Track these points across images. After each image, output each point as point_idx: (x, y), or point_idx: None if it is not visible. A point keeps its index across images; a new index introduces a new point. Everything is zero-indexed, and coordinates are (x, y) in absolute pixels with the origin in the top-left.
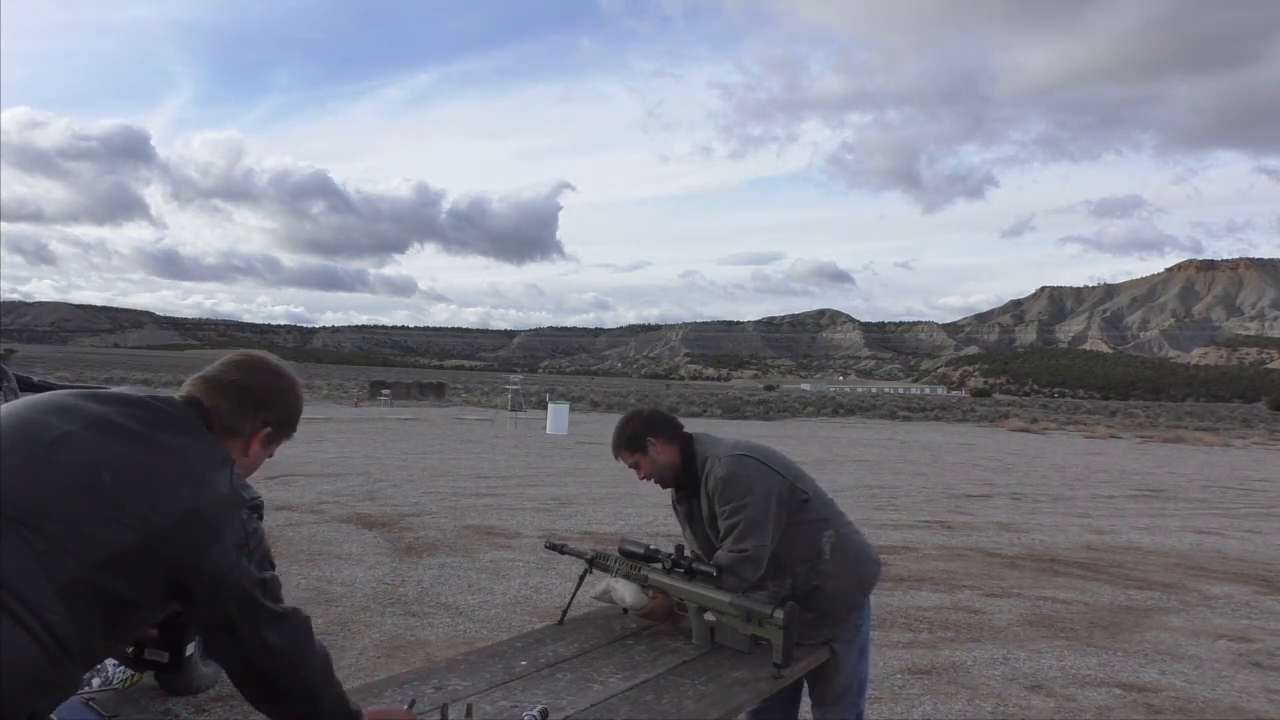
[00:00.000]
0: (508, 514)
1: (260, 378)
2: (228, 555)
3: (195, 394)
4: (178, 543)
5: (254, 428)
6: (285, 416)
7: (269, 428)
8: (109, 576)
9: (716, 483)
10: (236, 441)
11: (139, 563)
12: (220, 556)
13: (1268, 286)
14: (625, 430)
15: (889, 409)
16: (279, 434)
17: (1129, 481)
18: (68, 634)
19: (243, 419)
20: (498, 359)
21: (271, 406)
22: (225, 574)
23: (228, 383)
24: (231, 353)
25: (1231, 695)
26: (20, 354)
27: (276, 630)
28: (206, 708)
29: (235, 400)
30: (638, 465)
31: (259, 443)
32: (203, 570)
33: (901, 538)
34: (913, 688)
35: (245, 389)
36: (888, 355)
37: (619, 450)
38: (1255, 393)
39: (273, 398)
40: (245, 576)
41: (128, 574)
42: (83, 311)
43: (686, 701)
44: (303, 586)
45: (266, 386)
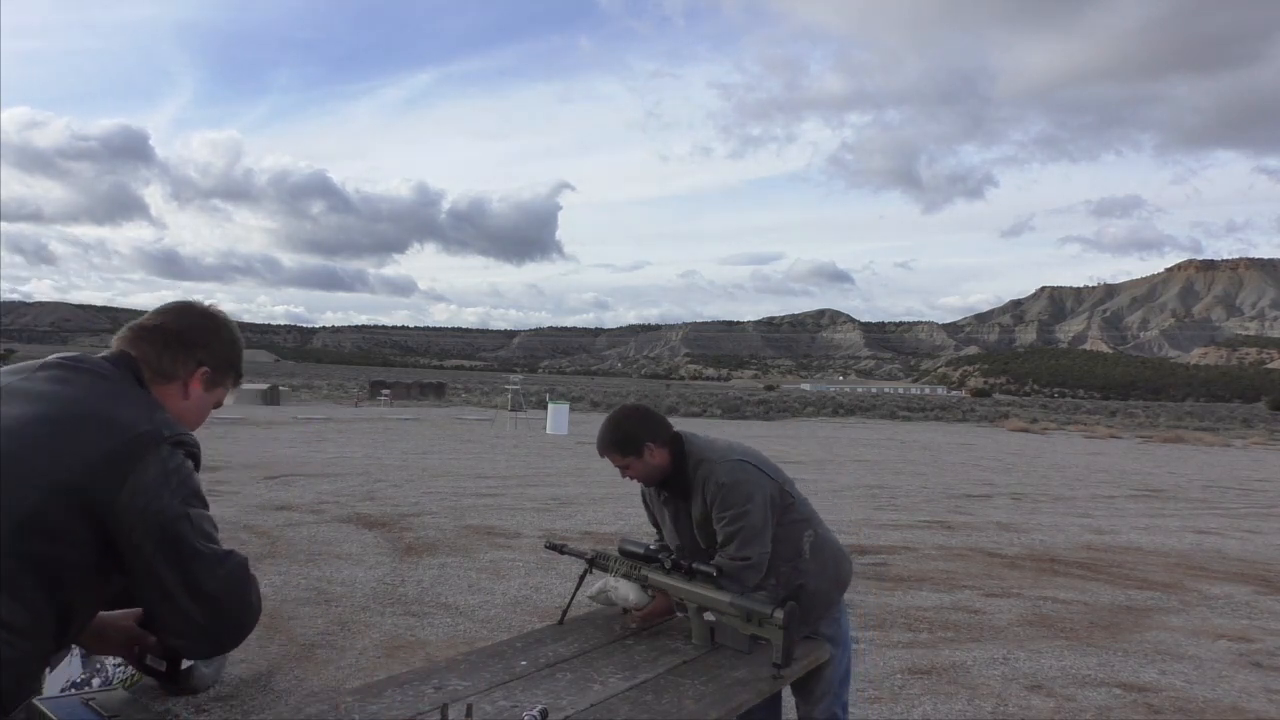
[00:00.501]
0: (508, 514)
1: (186, 319)
2: (141, 491)
3: (122, 347)
4: (89, 489)
5: (188, 369)
6: (221, 356)
7: (205, 368)
8: (26, 541)
9: (717, 488)
10: (172, 386)
11: (54, 520)
12: (132, 494)
13: (1268, 286)
14: (618, 431)
15: (889, 409)
16: (219, 375)
17: (1129, 481)
18: (6, 612)
19: (173, 362)
20: (498, 359)
21: (202, 345)
22: (140, 510)
23: (152, 328)
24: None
25: (1231, 695)
26: (20, 354)
27: (207, 572)
28: (206, 708)
29: (161, 344)
30: (627, 467)
31: (198, 384)
32: (117, 511)
33: (901, 538)
34: (913, 688)
35: (170, 331)
36: (888, 355)
37: (608, 451)
38: (1255, 393)
39: (202, 337)
40: (163, 510)
41: (45, 534)
42: (83, 311)
43: (686, 701)
44: (303, 586)
45: (193, 327)
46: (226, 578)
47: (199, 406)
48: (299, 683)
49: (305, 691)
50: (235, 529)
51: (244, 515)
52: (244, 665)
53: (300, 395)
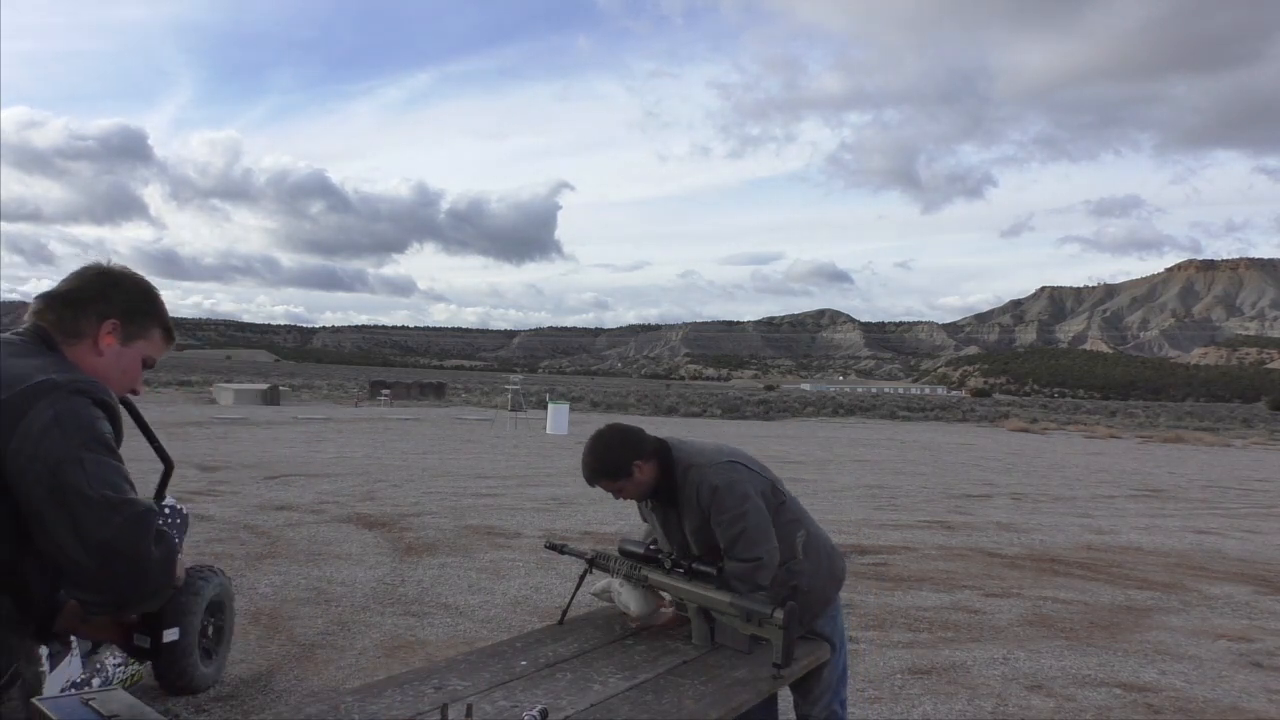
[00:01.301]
0: (508, 514)
1: (83, 278)
2: (30, 436)
3: (31, 318)
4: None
5: (93, 324)
6: (129, 305)
7: (114, 319)
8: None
9: (711, 492)
10: (82, 345)
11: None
12: (21, 439)
13: (1268, 286)
14: (606, 458)
15: (889, 409)
16: (134, 326)
17: (1129, 481)
18: None
19: (76, 320)
20: (498, 359)
21: (105, 299)
22: (29, 455)
23: (51, 293)
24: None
25: (1231, 695)
26: None
27: (97, 519)
28: (206, 708)
29: (61, 305)
30: (620, 490)
31: (110, 338)
32: (8, 458)
33: (901, 538)
34: (913, 688)
35: (66, 292)
36: (888, 355)
37: (598, 479)
38: (1255, 393)
39: (104, 291)
40: (51, 453)
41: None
42: None
43: (686, 701)
44: (303, 586)
45: (89, 283)
46: (121, 525)
47: (117, 362)
48: (299, 683)
49: (305, 691)
50: (235, 529)
51: (244, 515)
52: (244, 665)
53: (300, 395)
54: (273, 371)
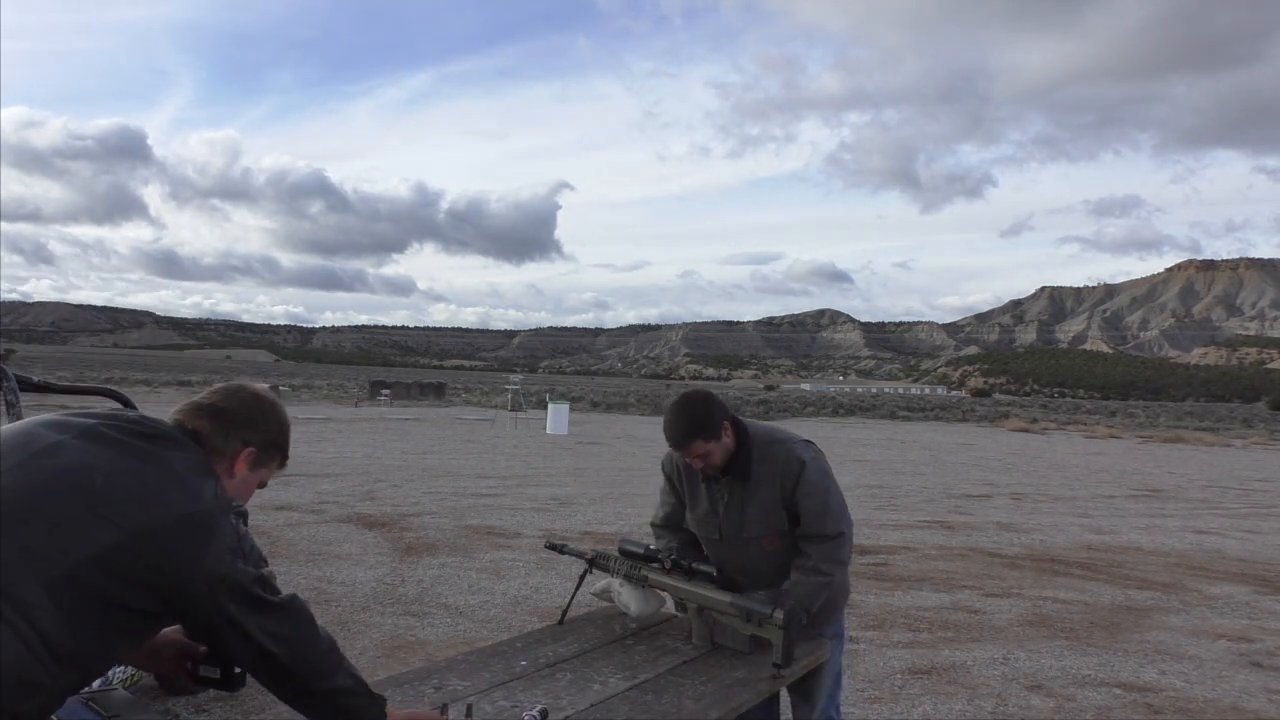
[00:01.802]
0: (508, 514)
1: (238, 399)
2: (223, 558)
3: (180, 419)
4: (169, 546)
5: (235, 448)
6: (267, 436)
7: (251, 448)
8: (96, 574)
9: (799, 466)
10: (221, 463)
11: (128, 563)
12: (216, 560)
13: (1268, 286)
14: (701, 417)
15: (889, 409)
16: (264, 456)
17: (1129, 481)
18: (54, 633)
19: (223, 439)
20: (498, 359)
21: (250, 426)
22: (224, 576)
23: (206, 406)
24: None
25: (1231, 695)
26: (20, 354)
27: (279, 619)
28: (206, 708)
29: (214, 420)
30: (709, 454)
31: (244, 463)
32: (199, 573)
33: (901, 538)
34: (913, 688)
35: (223, 409)
36: (888, 355)
37: (693, 439)
38: (1255, 393)
39: (251, 417)
40: (243, 575)
41: (115, 573)
42: (83, 311)
43: (686, 701)
44: (303, 586)
45: (244, 407)
46: (296, 618)
47: (243, 485)
48: None
49: None
50: None
51: None
52: None
53: (300, 395)
54: (273, 371)
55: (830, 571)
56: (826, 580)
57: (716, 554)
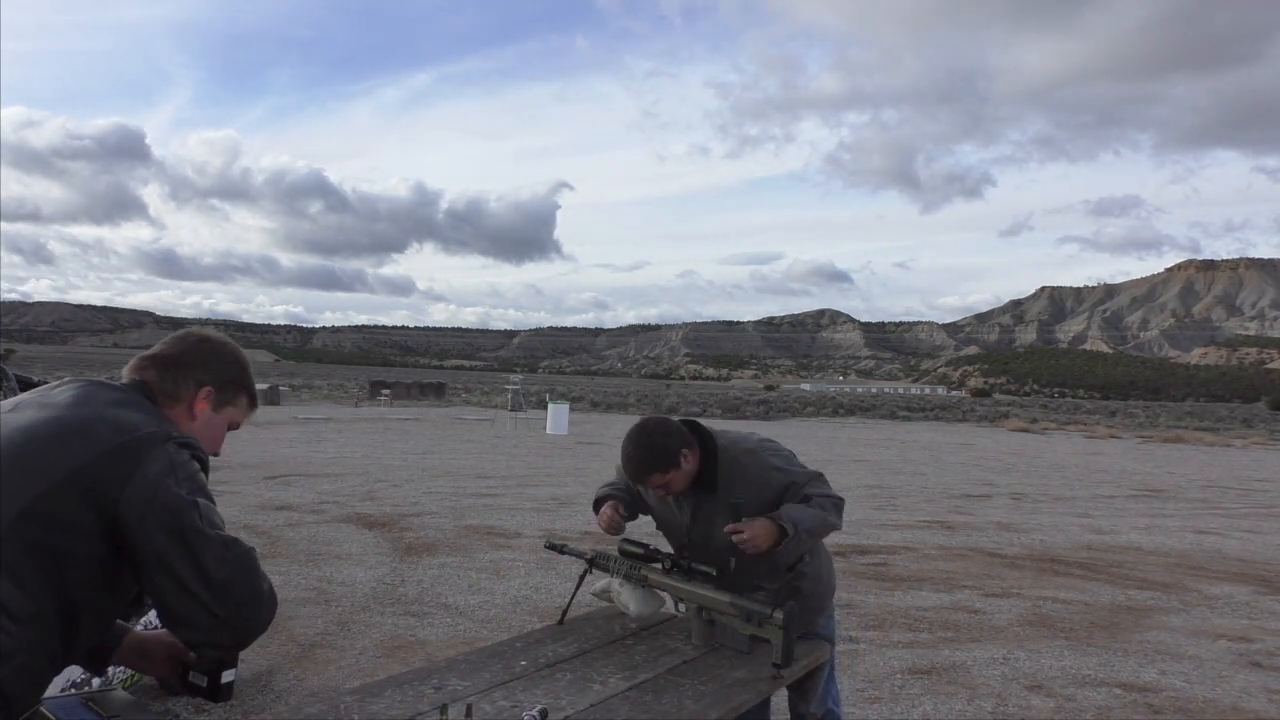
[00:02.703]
0: (508, 514)
1: (184, 343)
2: (149, 481)
3: (131, 374)
4: (97, 479)
5: (189, 390)
6: (224, 375)
7: (208, 387)
8: (32, 528)
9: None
10: (178, 408)
11: (60, 508)
12: (142, 484)
13: (1268, 286)
14: (659, 448)
15: (889, 409)
16: (226, 394)
17: (1129, 481)
18: (7, 597)
19: (174, 383)
20: (498, 359)
21: (202, 365)
22: (149, 500)
23: (152, 354)
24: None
25: (1231, 695)
26: (20, 354)
27: (215, 558)
28: (207, 708)
29: (162, 366)
30: (669, 483)
31: (204, 403)
32: (126, 501)
33: (901, 538)
34: (913, 688)
35: (169, 355)
36: (888, 355)
37: (649, 472)
38: (1255, 393)
39: (201, 358)
40: (171, 499)
41: (50, 521)
42: (83, 311)
43: (686, 701)
44: (303, 586)
45: (191, 350)
46: (234, 562)
47: (208, 427)
48: (299, 683)
49: (305, 691)
50: (235, 529)
51: (244, 515)
52: (244, 665)
53: (300, 395)
54: (273, 371)
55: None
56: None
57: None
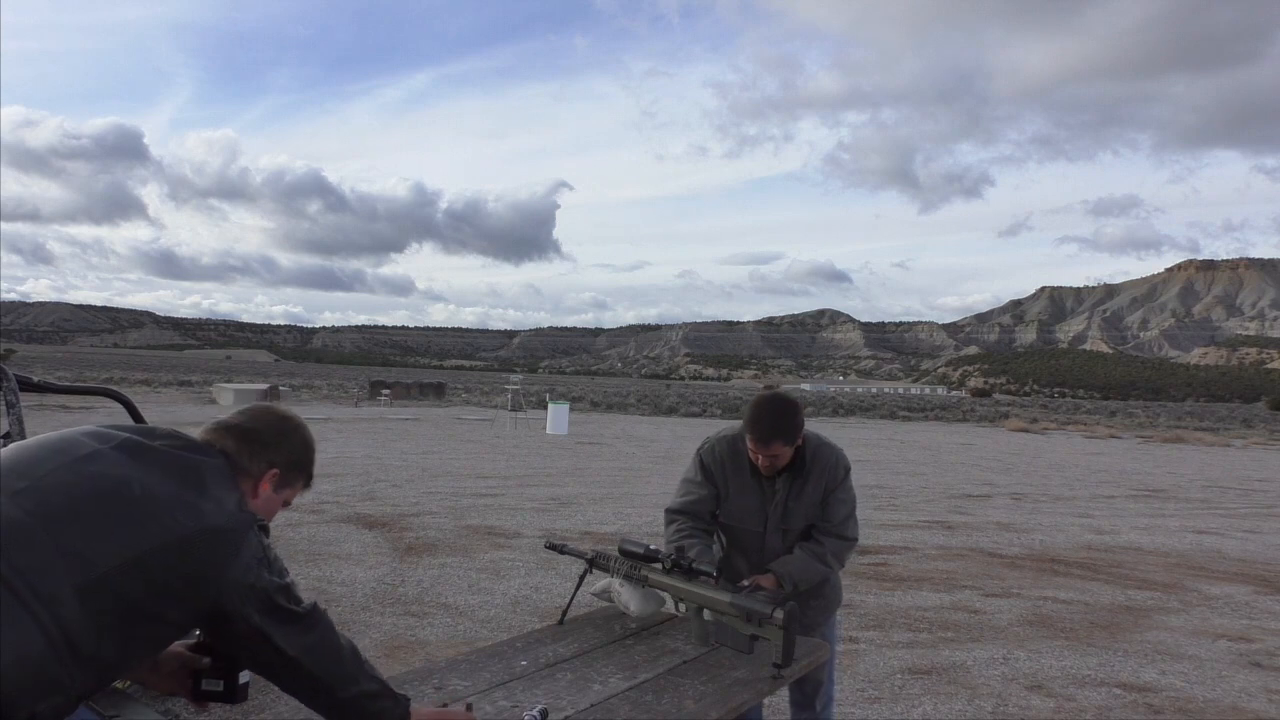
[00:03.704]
0: (508, 514)
1: (264, 420)
2: (250, 568)
3: (208, 438)
4: (200, 557)
5: (260, 468)
6: (291, 458)
7: (276, 469)
8: (127, 580)
9: (845, 472)
10: (246, 482)
11: (159, 571)
12: (243, 571)
13: (1268, 286)
14: (791, 421)
15: (889, 409)
16: (289, 477)
17: (1129, 481)
18: (79, 634)
19: (248, 459)
20: (497, 359)
21: (275, 447)
22: (251, 586)
23: (233, 425)
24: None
25: (1231, 695)
26: (20, 354)
27: (303, 629)
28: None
29: (239, 440)
30: (782, 456)
31: (268, 484)
32: (228, 584)
33: (901, 538)
34: (913, 688)
35: (248, 429)
36: (888, 355)
37: (777, 438)
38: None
39: (276, 438)
40: (269, 585)
41: (146, 581)
42: (83, 311)
43: (686, 701)
44: (303, 586)
45: (270, 428)
46: (318, 627)
47: (267, 505)
48: None
49: None
50: None
51: None
52: None
53: (300, 395)
54: (273, 371)
55: (834, 567)
56: (828, 572)
57: (754, 544)
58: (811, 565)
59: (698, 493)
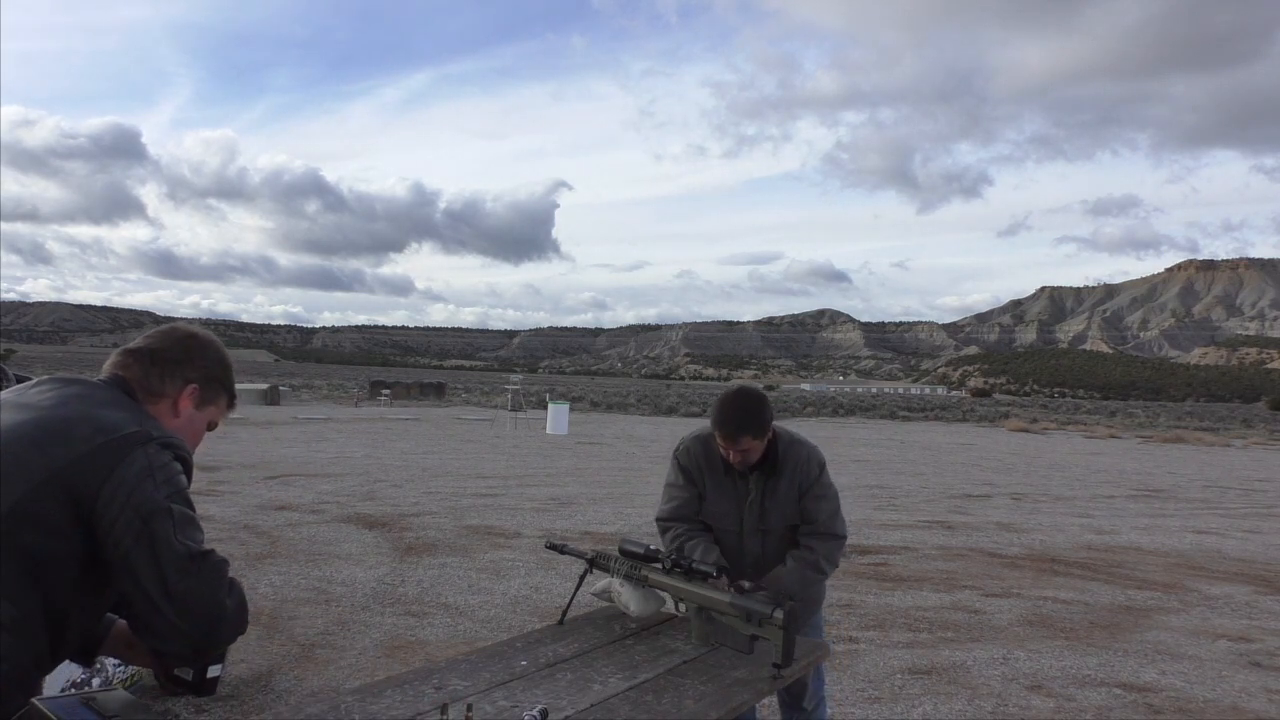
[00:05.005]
0: (508, 514)
1: (171, 339)
2: (124, 482)
3: (112, 369)
4: (75, 480)
5: (175, 387)
6: (208, 373)
7: (193, 384)
8: (11, 532)
9: (819, 469)
10: (162, 404)
11: (39, 511)
12: (116, 483)
13: (1268, 286)
14: (757, 414)
15: (889, 409)
16: (209, 392)
17: (1129, 481)
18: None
19: (160, 379)
20: (497, 359)
21: (187, 362)
22: (123, 502)
23: (138, 350)
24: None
25: (1231, 695)
26: (20, 354)
27: (177, 571)
28: (207, 708)
29: (147, 362)
30: (751, 450)
31: (187, 401)
32: (101, 501)
33: (901, 538)
34: (913, 688)
35: (154, 350)
36: (888, 355)
37: (745, 432)
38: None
39: (186, 354)
40: (144, 502)
41: (30, 524)
42: (82, 311)
43: (686, 701)
44: (303, 586)
45: (177, 345)
46: (198, 575)
47: (190, 425)
48: (299, 683)
49: (305, 691)
50: (235, 529)
51: (244, 515)
52: (244, 665)
53: (300, 395)
54: (272, 371)
55: (827, 570)
56: (822, 578)
57: (734, 545)
58: (806, 575)
59: (682, 496)
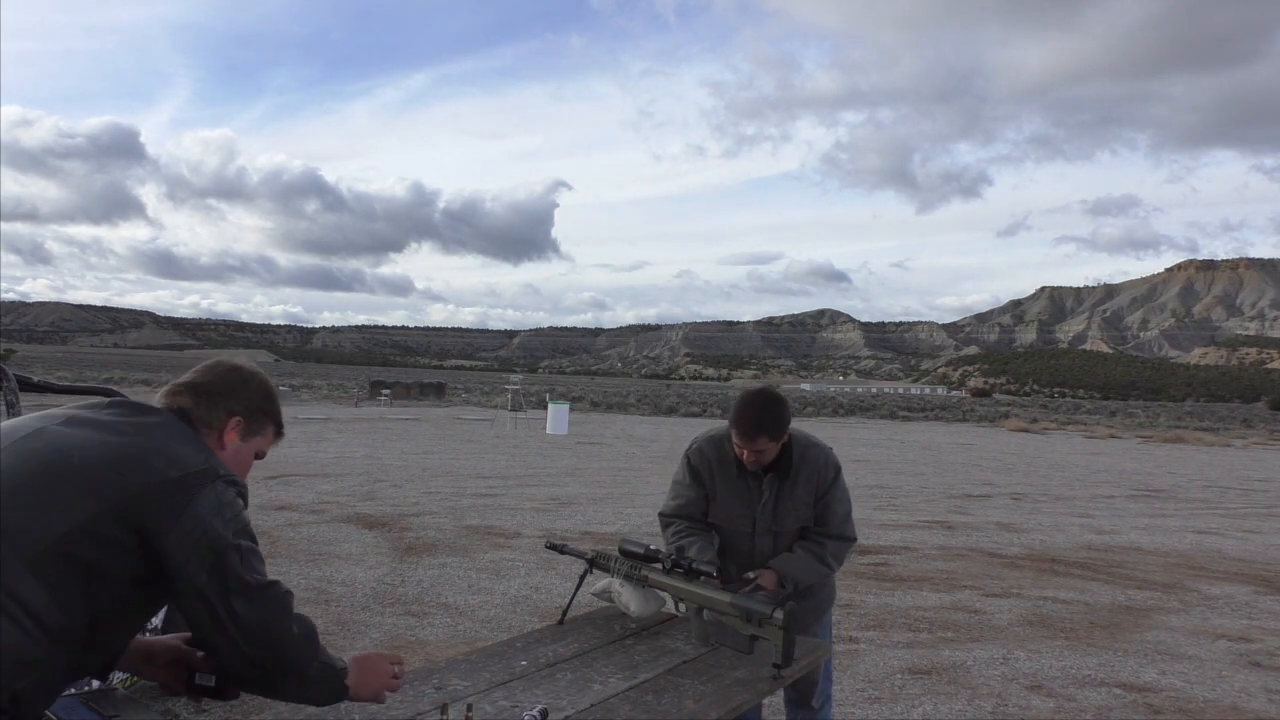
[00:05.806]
0: (508, 514)
1: (216, 372)
2: (198, 519)
3: (166, 401)
4: (148, 508)
5: (221, 419)
6: (252, 404)
7: (238, 417)
8: (77, 546)
9: (835, 472)
10: (210, 435)
11: (107, 529)
12: (191, 520)
13: (1268, 286)
14: (776, 416)
15: (889, 409)
16: (254, 424)
17: (1129, 481)
18: (41, 608)
19: (207, 411)
20: (497, 359)
21: (230, 395)
22: (196, 537)
23: (186, 383)
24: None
25: (1231, 695)
26: (20, 354)
27: (247, 602)
28: (207, 707)
29: (195, 395)
30: (767, 451)
31: (234, 433)
32: (172, 532)
33: (901, 538)
34: (913, 688)
35: (202, 384)
36: (888, 355)
37: (763, 433)
38: (1255, 393)
39: (231, 387)
40: (217, 539)
41: (96, 541)
42: (82, 311)
43: (686, 701)
44: (303, 586)
45: (223, 379)
46: (267, 606)
47: (236, 456)
48: None
49: None
50: None
51: None
52: None
53: (300, 395)
54: (273, 371)
55: (833, 566)
56: (828, 573)
57: (744, 545)
58: (812, 564)
59: (688, 495)
